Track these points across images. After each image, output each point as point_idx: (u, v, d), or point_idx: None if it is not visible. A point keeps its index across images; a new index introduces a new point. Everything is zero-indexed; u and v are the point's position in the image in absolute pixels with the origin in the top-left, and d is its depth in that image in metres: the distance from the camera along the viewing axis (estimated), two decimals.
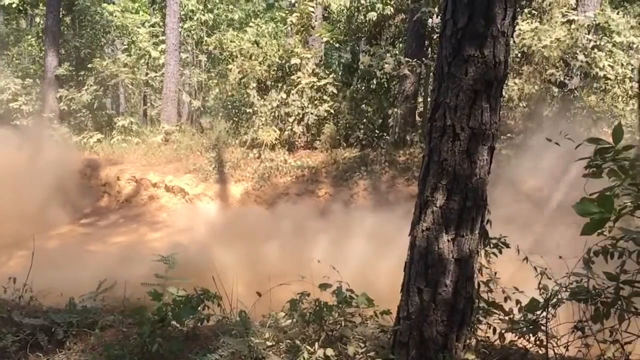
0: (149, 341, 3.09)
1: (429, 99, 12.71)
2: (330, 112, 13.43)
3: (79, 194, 13.07)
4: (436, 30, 12.69)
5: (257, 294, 3.60)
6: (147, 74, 18.43)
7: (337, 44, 16.27)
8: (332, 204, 11.32)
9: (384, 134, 13.03)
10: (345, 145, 13.28)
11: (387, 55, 12.90)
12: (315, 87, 13.48)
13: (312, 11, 14.37)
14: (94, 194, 13.63)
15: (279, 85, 13.90)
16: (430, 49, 13.70)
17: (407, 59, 12.64)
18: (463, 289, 2.80)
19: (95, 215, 12.93)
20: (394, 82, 13.75)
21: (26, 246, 6.45)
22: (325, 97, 13.52)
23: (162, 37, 18.02)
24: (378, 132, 13.15)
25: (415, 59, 12.54)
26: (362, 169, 12.19)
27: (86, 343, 3.37)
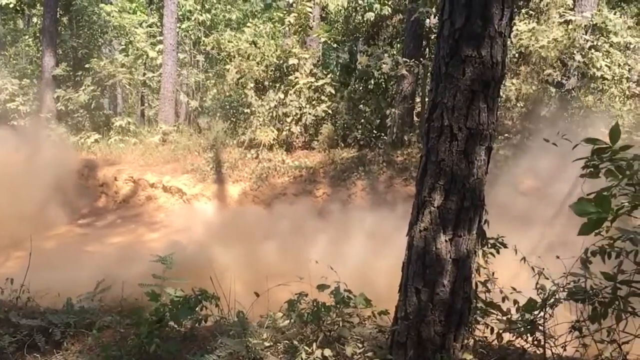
0: (146, 342, 3.08)
1: (426, 99, 12.71)
2: (328, 113, 13.43)
3: (76, 194, 13.05)
4: (434, 31, 12.69)
5: (255, 294, 3.60)
6: (144, 74, 18.40)
7: (335, 44, 16.26)
8: (330, 204, 11.31)
9: (382, 134, 13.03)
10: (343, 145, 13.27)
11: (385, 55, 12.91)
12: (313, 88, 13.48)
13: (309, 11, 14.37)
14: (91, 194, 13.60)
15: (277, 85, 13.89)
16: (428, 49, 13.71)
17: (404, 59, 12.64)
18: (461, 289, 2.80)
19: (93, 216, 12.91)
20: (391, 83, 13.74)
21: (23, 247, 6.45)
22: (323, 97, 13.52)
23: (159, 38, 17.98)
24: (376, 132, 13.15)
25: (413, 59, 12.55)
26: (359, 169, 12.19)
27: (83, 344, 3.37)
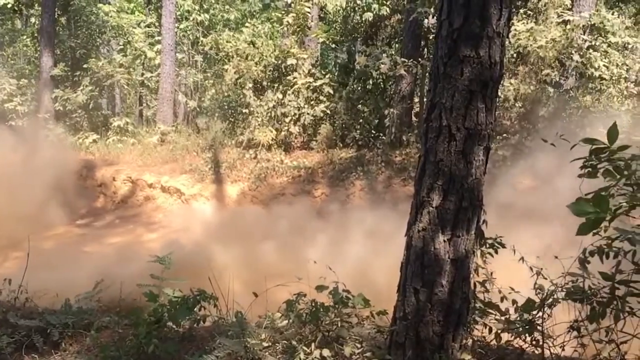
0: (145, 342, 3.08)
1: (425, 99, 12.72)
2: (327, 113, 13.43)
3: (74, 194, 13.03)
4: (432, 31, 12.69)
5: (254, 294, 3.60)
6: (142, 74, 18.39)
7: (333, 44, 16.27)
8: (329, 204, 11.31)
9: (380, 134, 13.03)
10: (341, 145, 13.27)
11: (383, 55, 12.90)
12: (311, 88, 13.48)
13: (308, 12, 14.36)
14: (89, 194, 13.59)
15: (275, 85, 13.88)
16: (426, 50, 13.71)
17: (403, 59, 12.64)
18: (459, 289, 2.80)
19: (91, 216, 12.90)
20: (390, 83, 13.74)
21: (22, 247, 6.44)
22: (321, 97, 13.51)
23: (157, 38, 17.97)
24: (374, 132, 13.15)
25: (412, 59, 12.54)
26: (358, 169, 12.19)
27: (82, 344, 3.36)
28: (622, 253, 2.74)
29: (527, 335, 3.04)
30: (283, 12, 14.99)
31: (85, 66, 17.09)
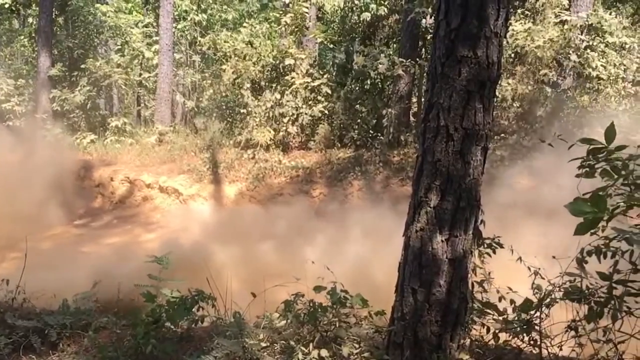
0: (143, 343, 3.08)
1: (422, 99, 12.73)
2: (325, 113, 13.42)
3: (72, 194, 13.02)
4: (430, 31, 12.70)
5: (252, 294, 3.60)
6: (140, 74, 18.36)
7: (331, 44, 16.27)
8: (327, 204, 11.32)
9: (378, 134, 13.03)
10: (339, 145, 13.27)
11: (381, 55, 12.90)
12: (309, 88, 13.47)
13: (306, 12, 14.36)
14: (87, 194, 13.57)
15: (273, 85, 13.88)
16: (424, 50, 13.72)
17: (401, 59, 12.64)
18: (457, 289, 2.81)
19: (89, 216, 12.88)
20: (388, 83, 13.75)
21: (19, 247, 6.43)
22: (319, 97, 13.51)
23: (155, 38, 17.96)
24: (372, 132, 13.15)
25: (409, 60, 12.55)
26: (356, 169, 12.19)
27: (80, 345, 3.36)
28: (620, 253, 2.74)
29: (524, 335, 3.05)
30: (281, 12, 15.00)
31: (82, 66, 17.08)
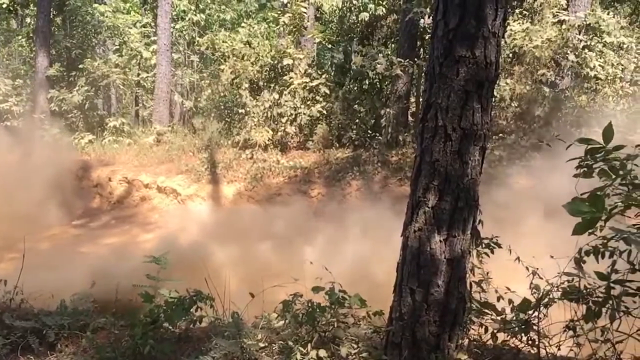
0: (141, 343, 3.07)
1: (421, 99, 12.72)
2: (323, 113, 13.43)
3: (70, 195, 13.00)
4: (428, 31, 12.70)
5: (250, 295, 3.60)
6: (138, 74, 18.35)
7: (330, 44, 16.26)
8: (325, 204, 11.31)
9: (377, 134, 13.03)
10: (337, 145, 13.27)
11: (380, 55, 12.91)
12: (307, 88, 13.47)
13: (304, 12, 14.37)
14: (85, 195, 13.55)
15: (272, 85, 13.88)
16: (422, 50, 13.72)
17: (399, 59, 12.64)
18: (455, 289, 2.81)
19: (87, 217, 12.87)
20: (386, 83, 13.76)
21: (17, 248, 6.40)
22: (317, 97, 13.51)
23: (153, 38, 17.95)
24: (370, 132, 13.16)
25: (408, 60, 12.55)
26: (354, 169, 12.19)
27: (78, 345, 3.35)
28: (618, 252, 2.74)
29: (523, 334, 3.05)
30: (279, 12, 15.01)
31: (80, 66, 17.06)
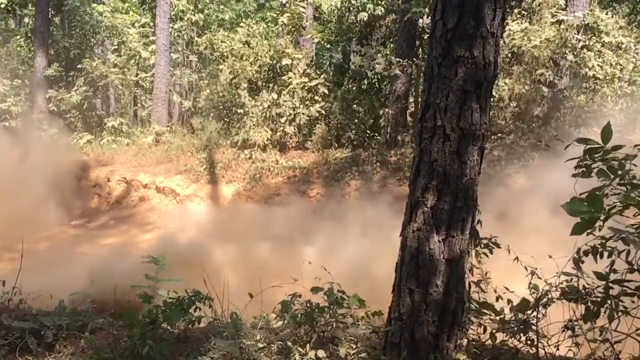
0: (139, 344, 3.07)
1: (419, 99, 12.73)
2: (322, 113, 13.42)
3: (69, 195, 13.00)
4: (427, 31, 12.70)
5: (249, 295, 3.59)
6: (137, 74, 18.34)
7: (328, 44, 16.26)
8: (324, 204, 11.31)
9: (375, 134, 13.03)
10: (336, 145, 13.27)
11: (378, 55, 12.92)
12: (306, 88, 13.47)
13: (303, 12, 14.38)
14: (84, 195, 13.55)
15: (270, 85, 13.87)
16: (421, 50, 13.73)
17: (398, 59, 12.65)
18: (454, 289, 2.80)
19: (86, 217, 12.87)
20: (385, 83, 13.76)
21: (16, 248, 6.40)
22: (316, 97, 13.51)
23: (152, 38, 17.94)
24: (369, 132, 13.16)
25: (406, 59, 12.55)
26: (353, 169, 12.19)
27: (76, 346, 3.35)
28: (616, 252, 2.74)
29: (521, 334, 3.04)
30: (278, 12, 15.02)
31: (79, 66, 17.05)
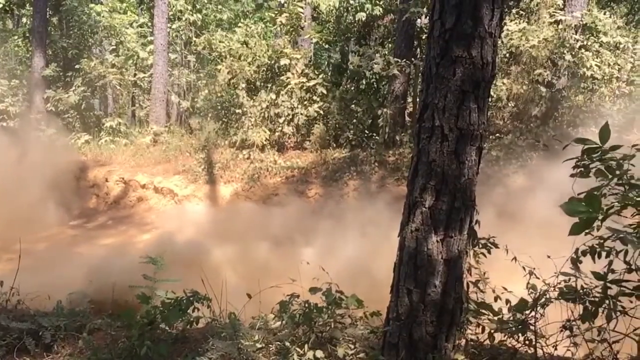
0: (137, 344, 3.06)
1: (418, 99, 12.72)
2: (320, 113, 13.42)
3: (67, 195, 12.98)
4: (425, 31, 12.71)
5: (247, 295, 3.59)
6: (135, 74, 18.32)
7: (327, 44, 16.26)
8: (322, 204, 11.30)
9: (374, 134, 13.03)
10: (335, 145, 13.27)
11: (377, 55, 12.91)
12: (304, 88, 13.46)
13: (301, 12, 14.36)
14: (82, 195, 13.53)
15: (269, 85, 13.87)
16: (419, 50, 13.73)
17: (396, 59, 12.65)
18: (452, 289, 2.80)
19: (84, 217, 12.85)
20: (383, 83, 13.76)
21: (14, 249, 6.39)
22: (314, 97, 13.50)
23: (150, 38, 17.93)
24: (368, 132, 13.15)
25: (405, 59, 12.56)
26: (351, 169, 12.19)
27: (74, 347, 3.34)
28: (614, 252, 2.74)
29: (520, 335, 3.04)
30: (276, 12, 14.97)
31: (77, 66, 17.04)
